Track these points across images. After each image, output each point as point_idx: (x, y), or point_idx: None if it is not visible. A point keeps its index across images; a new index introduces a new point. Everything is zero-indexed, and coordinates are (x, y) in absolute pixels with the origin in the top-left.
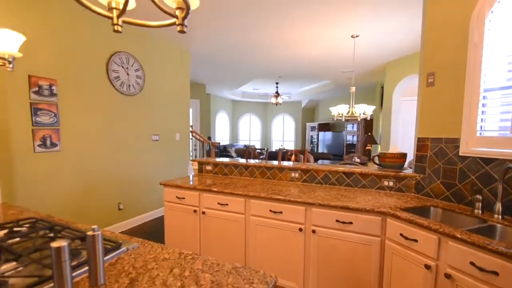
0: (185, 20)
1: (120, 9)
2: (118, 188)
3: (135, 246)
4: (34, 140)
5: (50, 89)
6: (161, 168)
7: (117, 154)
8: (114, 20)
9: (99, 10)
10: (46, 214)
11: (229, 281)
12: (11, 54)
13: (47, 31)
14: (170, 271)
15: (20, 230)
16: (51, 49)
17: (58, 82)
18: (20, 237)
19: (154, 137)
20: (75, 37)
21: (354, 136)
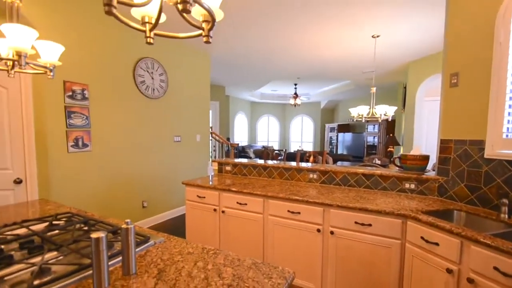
0: (211, 31)
1: (153, 24)
2: (142, 187)
3: (162, 240)
4: (67, 141)
5: (83, 93)
6: (182, 168)
7: (142, 154)
8: (147, 33)
9: (134, 25)
10: (77, 209)
11: (249, 275)
12: (52, 63)
13: (80, 39)
14: (195, 264)
15: (59, 224)
16: (83, 56)
17: (89, 86)
18: (59, 230)
19: (176, 138)
20: (105, 44)
21: (375, 137)
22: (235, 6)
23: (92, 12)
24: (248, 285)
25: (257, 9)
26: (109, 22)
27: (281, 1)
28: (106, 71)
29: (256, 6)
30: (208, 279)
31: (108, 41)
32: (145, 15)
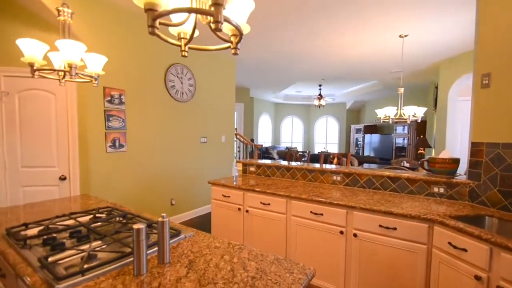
0: (238, 44)
1: (187, 39)
2: (171, 185)
3: (191, 234)
4: (106, 142)
5: (120, 98)
6: (208, 168)
7: (171, 154)
8: (182, 47)
9: (172, 41)
10: (111, 203)
11: (272, 269)
12: (97, 73)
13: (118, 49)
14: (221, 257)
15: (101, 216)
16: (121, 64)
17: (126, 92)
18: (101, 222)
19: (203, 139)
20: (140, 53)
21: (405, 139)
22: (261, 12)
23: (129, 26)
24: (270, 278)
25: (282, 14)
26: (144, 34)
27: (306, 6)
28: (140, 77)
29: (281, 11)
30: (234, 271)
31: (143, 50)
32: (181, 32)
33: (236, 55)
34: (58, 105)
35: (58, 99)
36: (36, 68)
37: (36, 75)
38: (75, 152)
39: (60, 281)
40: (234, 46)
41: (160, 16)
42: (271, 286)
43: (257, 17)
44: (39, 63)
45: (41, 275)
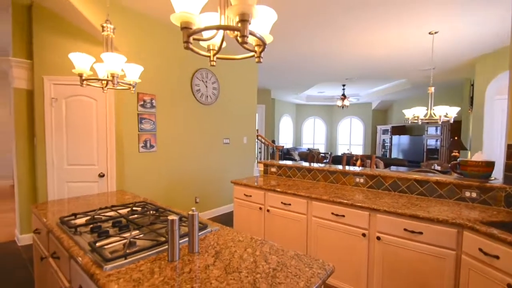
0: (262, 53)
1: (216, 50)
2: (195, 184)
3: (217, 229)
4: (139, 142)
5: (151, 103)
6: (230, 168)
7: (195, 154)
8: (211, 57)
9: (202, 53)
10: (144, 198)
11: (292, 263)
12: (134, 81)
13: (151, 58)
14: (245, 250)
15: (137, 210)
16: (153, 71)
17: (156, 96)
18: (138, 214)
19: (225, 140)
20: (169, 61)
21: (437, 140)
22: (285, 14)
23: (160, 37)
24: (290, 271)
25: (308, 15)
26: (174, 43)
27: (333, 5)
28: (169, 82)
29: (307, 12)
30: (256, 262)
31: (172, 58)
32: (210, 44)
33: (259, 63)
34: (98, 109)
35: (99, 104)
36: (84, 78)
37: (84, 84)
38: (112, 152)
39: (108, 262)
40: (258, 55)
41: (194, 33)
42: (291, 278)
43: (282, 19)
44: (86, 74)
45: (91, 257)
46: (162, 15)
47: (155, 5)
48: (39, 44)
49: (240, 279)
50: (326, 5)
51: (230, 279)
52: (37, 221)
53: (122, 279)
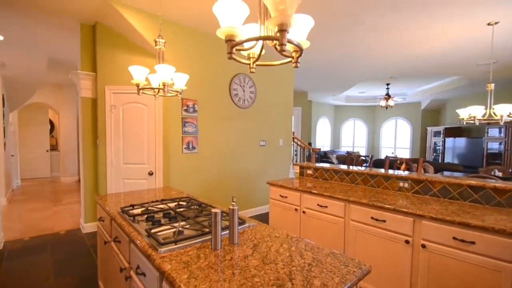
0: (299, 58)
1: (256, 58)
2: (232, 184)
3: (254, 224)
4: (182, 144)
5: (193, 107)
6: (266, 170)
7: (233, 156)
8: (251, 65)
9: (243, 61)
10: (187, 194)
11: (327, 260)
12: (181, 88)
13: (194, 64)
14: (281, 245)
15: (182, 204)
16: (195, 77)
17: (198, 101)
18: (183, 208)
19: (262, 142)
20: (210, 68)
21: (501, 143)
22: (321, 17)
23: (202, 46)
24: (325, 267)
25: (342, 16)
26: (214, 50)
27: (373, 6)
28: (210, 88)
29: (342, 12)
30: (292, 257)
31: (213, 65)
32: (250, 53)
33: (297, 67)
34: (149, 114)
35: (149, 110)
36: (140, 88)
37: (140, 93)
38: (159, 153)
39: (162, 246)
40: (295, 61)
41: (237, 44)
42: (326, 273)
43: (321, 21)
44: (142, 84)
45: (147, 241)
46: (204, 26)
47: (199, 19)
48: (101, 58)
49: (277, 269)
50: (371, 5)
51: (267, 268)
52: (101, 210)
53: (174, 261)
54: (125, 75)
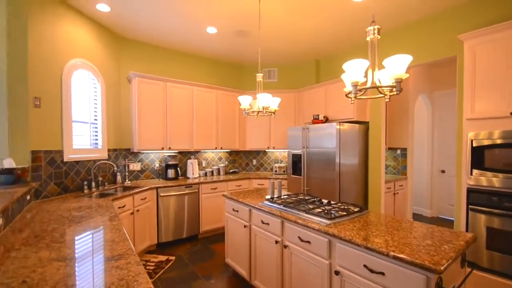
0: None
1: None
2: None
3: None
4: None
5: None
6: None
7: None
8: (352, 98)
9: (358, 96)
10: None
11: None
12: (275, 109)
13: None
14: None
15: (301, 197)
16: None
17: None
18: (296, 199)
19: None
20: None
21: None
22: None
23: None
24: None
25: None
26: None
27: None
28: None
29: None
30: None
31: None
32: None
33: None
34: None
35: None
36: (246, 111)
37: (245, 115)
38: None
39: (331, 220)
40: (388, 96)
41: (360, 90)
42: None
43: None
44: (247, 108)
45: (316, 219)
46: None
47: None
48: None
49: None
50: None
51: (381, 230)
52: (235, 204)
53: (340, 227)
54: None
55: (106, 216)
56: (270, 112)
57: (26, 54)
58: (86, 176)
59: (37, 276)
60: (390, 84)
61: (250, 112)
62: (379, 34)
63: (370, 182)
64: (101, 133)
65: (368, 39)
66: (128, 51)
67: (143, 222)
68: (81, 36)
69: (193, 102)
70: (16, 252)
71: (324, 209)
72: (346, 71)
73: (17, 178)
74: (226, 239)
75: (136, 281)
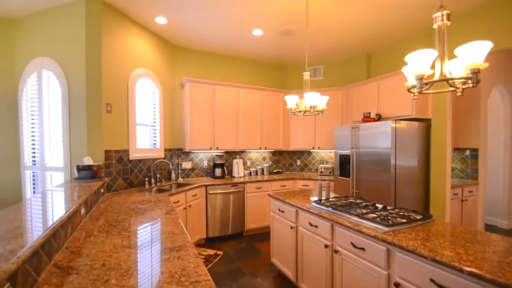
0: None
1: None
2: None
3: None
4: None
5: None
6: None
7: None
8: (414, 93)
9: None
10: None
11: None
12: (323, 108)
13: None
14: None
15: (352, 201)
16: None
17: None
18: (346, 202)
19: None
20: None
21: None
22: None
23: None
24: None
25: None
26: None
27: None
28: None
29: None
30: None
31: None
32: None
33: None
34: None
35: None
36: (293, 111)
37: (291, 115)
38: None
39: (389, 227)
40: (461, 90)
41: (425, 83)
42: None
43: None
44: (293, 108)
45: (371, 224)
46: None
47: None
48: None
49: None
50: None
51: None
52: (280, 204)
53: (400, 236)
54: None
55: (165, 209)
56: (317, 111)
57: (100, 67)
58: (147, 173)
59: (113, 260)
60: (464, 76)
61: (297, 111)
62: (449, 20)
63: (432, 187)
64: (159, 134)
65: (435, 26)
66: (180, 58)
67: (194, 217)
68: (142, 47)
69: (239, 104)
70: (94, 238)
71: (380, 215)
72: (409, 63)
73: (94, 174)
74: (271, 238)
75: (196, 272)
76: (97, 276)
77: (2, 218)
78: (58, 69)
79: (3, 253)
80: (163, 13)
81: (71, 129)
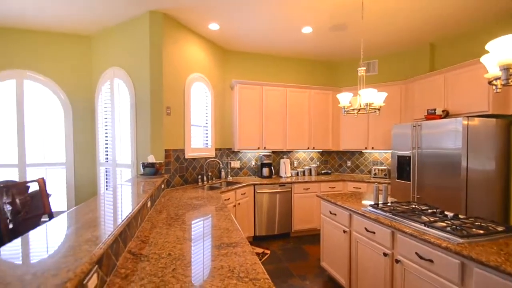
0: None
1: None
2: None
3: None
4: None
5: None
6: None
7: None
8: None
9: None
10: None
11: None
12: (380, 105)
13: None
14: None
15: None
16: None
17: None
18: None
19: None
20: None
21: None
22: None
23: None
24: None
25: None
26: None
27: None
28: None
29: None
30: None
31: None
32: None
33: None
34: None
35: None
36: (346, 109)
37: (344, 113)
38: None
39: (464, 238)
40: None
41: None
42: None
43: None
44: (346, 106)
45: (440, 233)
46: None
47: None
48: None
49: None
50: None
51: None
52: (330, 206)
53: (478, 249)
54: None
55: (217, 206)
56: (374, 108)
57: (161, 73)
58: (200, 171)
59: (177, 251)
60: None
61: (350, 110)
62: None
63: None
64: (210, 134)
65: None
66: (229, 60)
67: (242, 214)
68: (197, 53)
69: (286, 103)
70: (160, 229)
71: (451, 224)
72: (491, 51)
73: (156, 171)
74: (321, 241)
75: (254, 270)
76: (165, 264)
77: (86, 208)
78: (127, 77)
79: (91, 239)
80: (216, 20)
81: (137, 130)
